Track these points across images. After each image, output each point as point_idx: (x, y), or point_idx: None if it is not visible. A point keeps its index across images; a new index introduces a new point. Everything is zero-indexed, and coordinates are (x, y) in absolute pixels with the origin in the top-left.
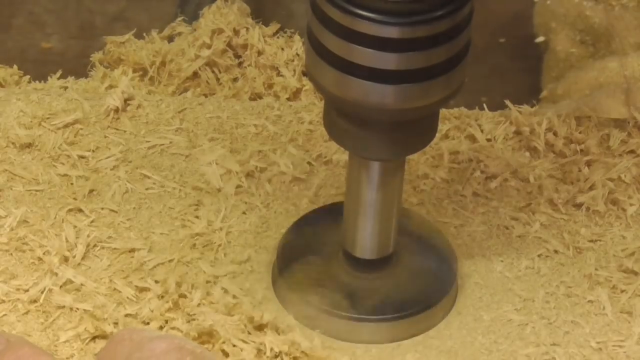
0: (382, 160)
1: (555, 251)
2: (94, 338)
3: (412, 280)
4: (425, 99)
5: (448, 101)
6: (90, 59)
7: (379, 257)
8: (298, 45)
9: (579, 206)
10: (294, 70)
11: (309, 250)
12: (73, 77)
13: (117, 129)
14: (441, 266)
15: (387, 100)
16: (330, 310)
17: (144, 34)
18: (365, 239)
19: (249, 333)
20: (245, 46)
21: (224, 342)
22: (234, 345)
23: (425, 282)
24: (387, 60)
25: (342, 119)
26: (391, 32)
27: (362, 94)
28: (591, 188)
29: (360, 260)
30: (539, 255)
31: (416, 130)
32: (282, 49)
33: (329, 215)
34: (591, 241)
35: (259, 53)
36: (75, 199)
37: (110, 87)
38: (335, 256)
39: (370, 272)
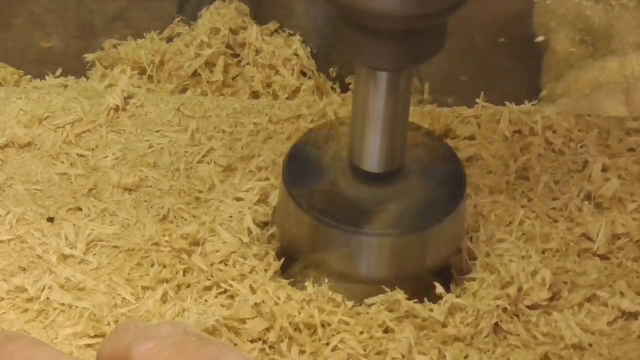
0: (390, 70)
1: (557, 250)
2: (93, 336)
3: (421, 195)
4: (434, 5)
5: (457, 9)
6: (85, 57)
7: (388, 171)
8: (297, 44)
9: (579, 204)
10: (293, 69)
11: (316, 166)
12: (73, 77)
13: (116, 128)
14: (450, 181)
15: (396, 7)
16: (340, 226)
17: (144, 34)
18: (374, 152)
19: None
20: (243, 45)
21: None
22: (236, 345)
23: (435, 197)
24: None
25: (350, 28)
26: None
27: (371, 1)
28: (591, 186)
29: (369, 174)
30: (542, 252)
31: (425, 39)
32: (282, 47)
33: (334, 130)
34: (591, 240)
35: (257, 52)
36: (74, 197)
37: (110, 86)
38: (343, 171)
39: (378, 186)
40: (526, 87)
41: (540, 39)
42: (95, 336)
